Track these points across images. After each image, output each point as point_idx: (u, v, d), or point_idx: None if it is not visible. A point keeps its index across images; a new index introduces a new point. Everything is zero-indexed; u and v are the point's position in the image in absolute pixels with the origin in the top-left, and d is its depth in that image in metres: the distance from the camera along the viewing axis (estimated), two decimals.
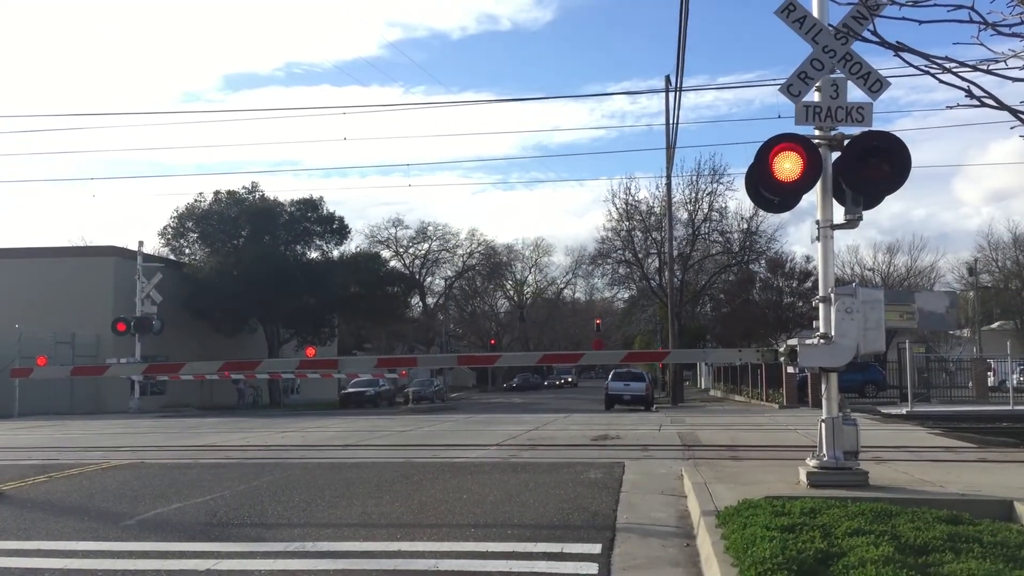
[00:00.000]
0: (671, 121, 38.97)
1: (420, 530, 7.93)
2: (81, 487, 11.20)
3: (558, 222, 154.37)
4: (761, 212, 46.47)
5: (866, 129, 9.04)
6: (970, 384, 36.18)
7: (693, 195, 50.31)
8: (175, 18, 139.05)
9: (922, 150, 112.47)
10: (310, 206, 54.28)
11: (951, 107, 4.88)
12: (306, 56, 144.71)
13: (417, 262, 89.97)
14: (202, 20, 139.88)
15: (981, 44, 4.68)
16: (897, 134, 9.03)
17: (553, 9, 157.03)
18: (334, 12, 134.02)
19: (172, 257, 51.35)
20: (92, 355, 39.37)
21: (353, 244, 65.80)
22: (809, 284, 57.09)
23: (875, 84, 8.98)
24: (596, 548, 7.04)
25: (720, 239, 53.49)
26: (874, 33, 4.83)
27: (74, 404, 38.12)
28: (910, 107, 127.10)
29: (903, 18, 4.67)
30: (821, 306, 9.20)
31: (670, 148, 39.90)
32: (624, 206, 51.15)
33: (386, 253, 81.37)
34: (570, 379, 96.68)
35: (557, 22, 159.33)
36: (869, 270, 70.48)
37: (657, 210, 50.22)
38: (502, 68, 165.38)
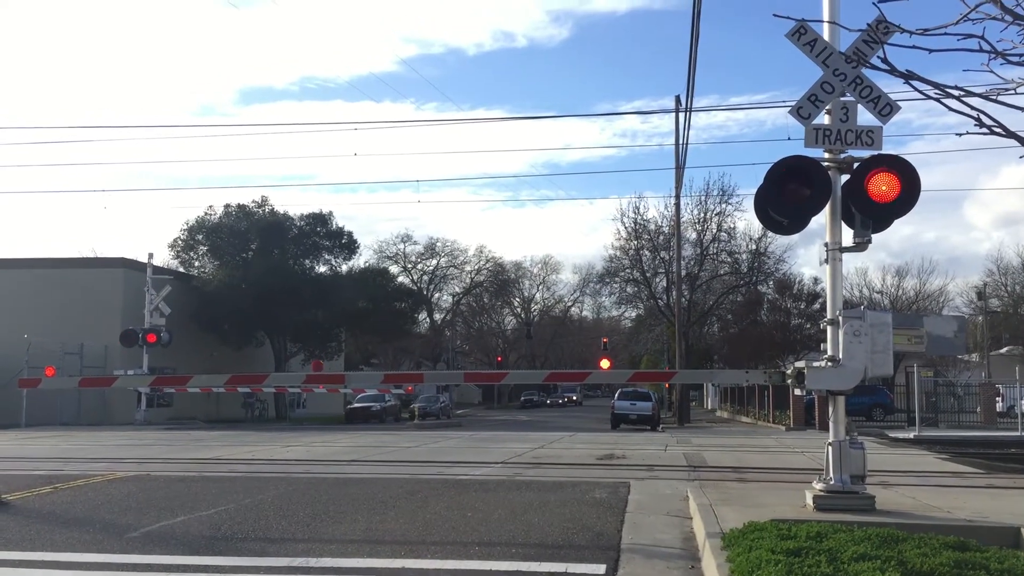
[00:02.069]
0: (681, 141, 39.08)
1: (424, 547, 7.92)
2: (86, 498, 11.22)
3: (566, 240, 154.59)
4: (770, 233, 46.49)
5: (876, 152, 9.06)
6: (978, 409, 35.98)
7: (702, 215, 50.26)
8: (192, 31, 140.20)
9: (934, 173, 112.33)
10: (319, 221, 54.45)
11: (961, 134, 4.90)
12: (321, 71, 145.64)
13: (425, 278, 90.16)
14: (220, 34, 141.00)
15: (991, 71, 4.70)
16: (909, 157, 9.06)
17: (569, 27, 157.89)
18: (351, 27, 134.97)
19: (181, 269, 51.49)
20: (100, 366, 39.46)
21: (362, 259, 66.10)
22: (817, 306, 57.01)
23: (885, 108, 9.00)
24: (600, 569, 7.02)
25: (728, 260, 53.37)
26: (884, 60, 4.85)
27: (81, 415, 38.17)
28: (922, 130, 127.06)
29: (913, 46, 4.69)
30: (829, 328, 9.19)
31: (679, 168, 39.96)
32: (633, 225, 51.17)
33: (394, 269, 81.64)
34: (574, 397, 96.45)
35: (573, 40, 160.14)
36: (878, 293, 70.40)
37: (666, 229, 50.20)
38: (516, 85, 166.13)
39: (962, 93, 4.62)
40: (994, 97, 4.60)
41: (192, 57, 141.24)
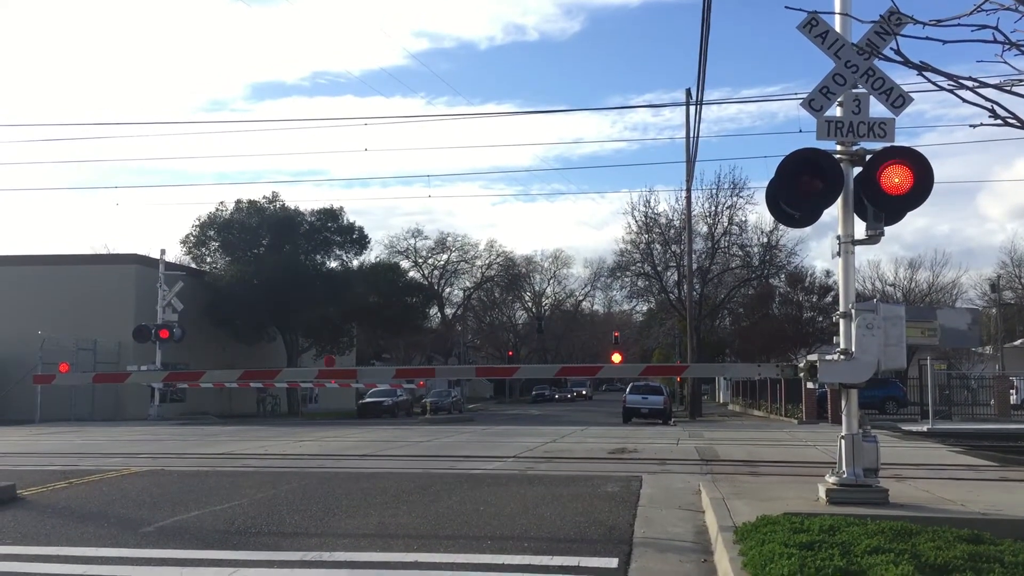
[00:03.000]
0: (691, 134, 38.98)
1: (437, 541, 7.94)
2: (101, 493, 11.29)
3: (577, 234, 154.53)
4: (781, 226, 46.33)
5: (888, 144, 9.01)
6: (992, 402, 35.82)
7: (713, 208, 50.07)
8: (203, 27, 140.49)
9: (948, 165, 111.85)
10: (330, 216, 54.56)
11: (974, 126, 4.87)
12: (333, 66, 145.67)
13: (436, 273, 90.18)
14: (230, 29, 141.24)
15: (1005, 62, 4.67)
16: (922, 149, 9.02)
17: (581, 20, 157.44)
18: (363, 22, 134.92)
19: (193, 265, 51.73)
20: (113, 362, 39.66)
21: (373, 254, 66.13)
22: (829, 299, 56.73)
23: (898, 100, 8.95)
24: (613, 562, 7.03)
25: (740, 253, 53.17)
26: (897, 52, 4.83)
27: (95, 410, 38.41)
28: (936, 122, 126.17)
29: (927, 38, 4.66)
30: (842, 322, 9.16)
31: (690, 161, 39.88)
32: (643, 219, 51.02)
33: (405, 263, 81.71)
34: (584, 391, 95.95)
35: (584, 33, 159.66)
36: (890, 285, 69.97)
37: (677, 223, 50.04)
38: (528, 79, 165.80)
39: (976, 84, 4.59)
40: (1008, 88, 4.57)
41: (202, 53, 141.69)
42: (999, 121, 4.65)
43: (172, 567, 6.98)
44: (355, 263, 57.20)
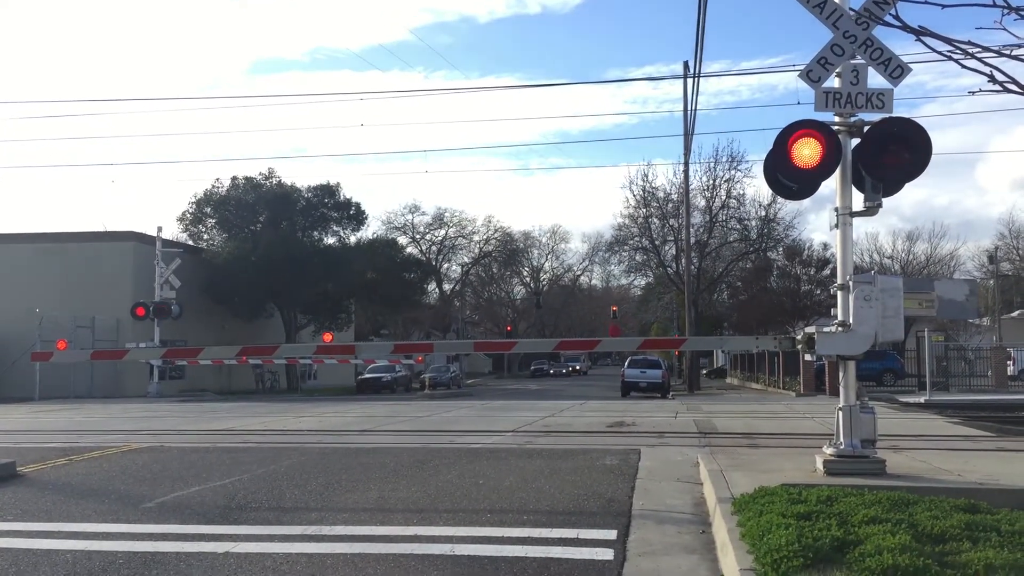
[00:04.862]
0: (689, 107, 38.81)
1: (436, 515, 7.97)
2: (101, 470, 11.32)
3: (575, 209, 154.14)
4: (779, 199, 46.31)
5: (886, 115, 8.96)
6: (989, 373, 35.89)
7: (711, 182, 49.98)
8: (206, 3, 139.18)
9: (948, 136, 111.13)
10: (327, 192, 54.39)
11: (973, 92, 4.84)
12: (335, 41, 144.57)
13: (434, 248, 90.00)
14: (234, 4, 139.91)
15: (1004, 29, 4.62)
16: (922, 120, 8.96)
17: None
18: None
19: (191, 242, 51.62)
20: (112, 339, 39.72)
21: (370, 230, 66.03)
22: (827, 272, 56.77)
23: (896, 70, 8.89)
24: (612, 534, 7.06)
25: (738, 226, 53.14)
26: (896, 17, 4.78)
27: (94, 388, 38.48)
28: (935, 93, 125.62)
29: (925, 2, 4.61)
30: (839, 294, 9.15)
31: (688, 135, 39.74)
32: (641, 193, 50.94)
33: (403, 239, 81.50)
34: (578, 367, 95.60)
35: (585, 5, 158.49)
36: (888, 258, 69.97)
37: (674, 197, 49.96)
38: (528, 52, 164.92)
39: (976, 50, 4.55)
40: (1008, 53, 4.53)
41: (205, 28, 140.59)
42: (998, 87, 4.61)
43: (173, 542, 7.00)
44: (352, 239, 57.19)
